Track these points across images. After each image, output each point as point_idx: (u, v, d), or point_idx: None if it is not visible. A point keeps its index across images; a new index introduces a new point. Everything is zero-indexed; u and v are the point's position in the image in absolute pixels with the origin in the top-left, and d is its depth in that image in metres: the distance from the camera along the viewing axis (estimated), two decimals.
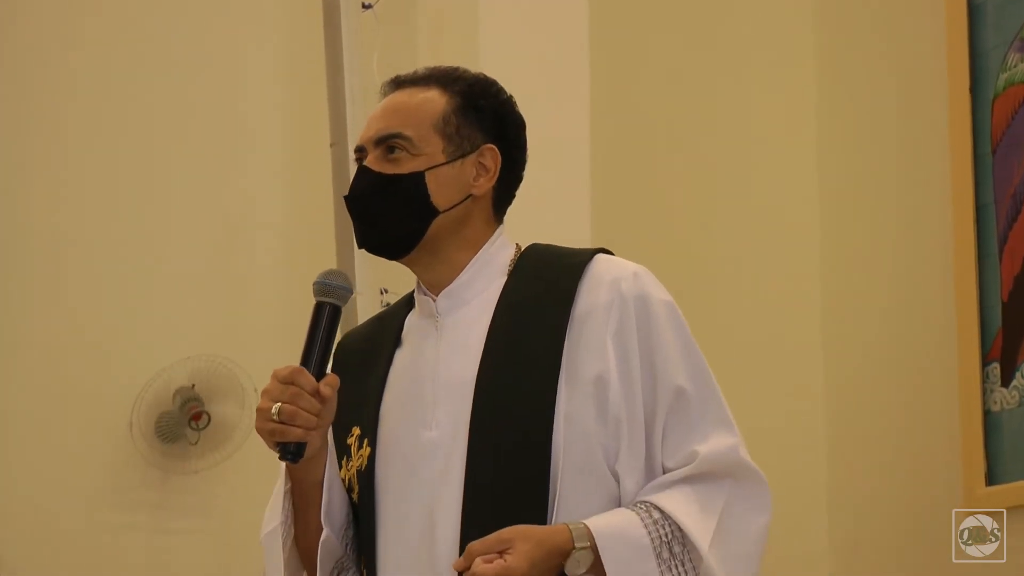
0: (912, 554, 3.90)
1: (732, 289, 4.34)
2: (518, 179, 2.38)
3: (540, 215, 2.48)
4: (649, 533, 2.10)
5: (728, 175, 4.52)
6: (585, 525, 2.09)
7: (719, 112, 4.53)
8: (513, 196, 2.39)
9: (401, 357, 2.33)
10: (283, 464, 2.23)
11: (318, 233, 4.34)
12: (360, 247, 2.34)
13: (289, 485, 2.26)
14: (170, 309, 4.79)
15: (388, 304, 4.05)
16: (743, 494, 2.17)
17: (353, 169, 2.34)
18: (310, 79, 4.42)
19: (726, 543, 2.13)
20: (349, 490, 2.29)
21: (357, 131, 4.08)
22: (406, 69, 2.41)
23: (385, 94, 2.37)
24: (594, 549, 2.08)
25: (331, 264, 4.06)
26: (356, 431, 2.30)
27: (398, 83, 2.36)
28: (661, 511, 2.12)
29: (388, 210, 2.27)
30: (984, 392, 3.80)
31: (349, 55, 4.11)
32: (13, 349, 4.67)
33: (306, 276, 5.12)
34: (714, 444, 2.17)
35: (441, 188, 2.28)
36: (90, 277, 4.75)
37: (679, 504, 2.13)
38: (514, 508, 2.12)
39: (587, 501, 2.15)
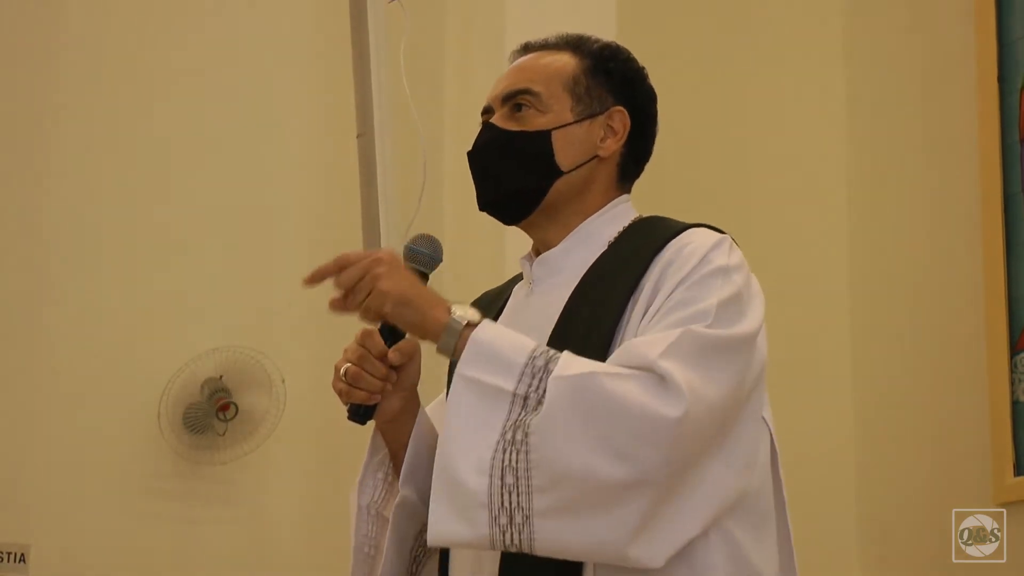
0: (942, 544, 3.89)
1: (759, 279, 4.32)
2: (647, 151, 2.33)
3: None
4: (531, 359, 1.97)
5: (756, 162, 4.51)
6: (477, 310, 2.03)
7: (747, 100, 4.52)
8: (641, 168, 2.33)
9: (502, 323, 2.26)
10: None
11: (345, 224, 4.33)
12: (480, 208, 2.27)
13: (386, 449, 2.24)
14: (197, 300, 4.80)
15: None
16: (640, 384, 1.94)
17: (380, 160, 2.31)
18: (337, 70, 4.41)
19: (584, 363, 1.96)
20: None
21: (384, 122, 4.08)
22: (433, 60, 2.41)
23: (513, 60, 2.33)
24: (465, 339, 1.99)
25: None
26: None
27: (527, 48, 2.33)
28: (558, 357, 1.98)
29: (510, 167, 2.23)
30: (1013, 383, 3.79)
31: (375, 46, 4.10)
32: (43, 340, 4.68)
33: None
34: (648, 338, 1.99)
35: (566, 148, 2.23)
36: (118, 268, 4.76)
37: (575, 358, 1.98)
38: None
39: None
